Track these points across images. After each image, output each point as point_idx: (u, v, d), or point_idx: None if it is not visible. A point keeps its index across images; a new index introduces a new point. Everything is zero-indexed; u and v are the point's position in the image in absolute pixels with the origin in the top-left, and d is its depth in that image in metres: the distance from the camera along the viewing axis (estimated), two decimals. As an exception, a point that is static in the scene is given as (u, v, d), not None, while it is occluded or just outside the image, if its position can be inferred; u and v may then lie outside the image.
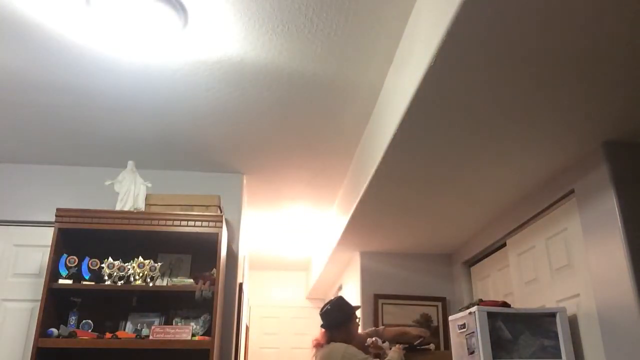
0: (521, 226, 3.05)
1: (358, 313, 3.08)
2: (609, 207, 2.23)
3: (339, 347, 2.68)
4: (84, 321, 3.01)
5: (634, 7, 1.54)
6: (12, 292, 3.24)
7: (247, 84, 2.64)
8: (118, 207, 3.11)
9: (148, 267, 2.99)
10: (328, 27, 2.22)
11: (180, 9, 2.11)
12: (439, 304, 4.01)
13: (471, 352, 2.44)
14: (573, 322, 2.46)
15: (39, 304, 2.81)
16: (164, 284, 3.11)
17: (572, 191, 2.53)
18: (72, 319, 3.00)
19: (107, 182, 3.18)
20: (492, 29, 1.63)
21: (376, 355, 2.87)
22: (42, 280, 2.89)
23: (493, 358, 2.34)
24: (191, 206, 3.22)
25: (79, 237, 3.07)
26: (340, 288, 5.17)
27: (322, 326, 2.88)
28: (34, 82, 2.63)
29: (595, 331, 2.31)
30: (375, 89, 2.69)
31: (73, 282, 2.92)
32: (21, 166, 3.55)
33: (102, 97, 2.77)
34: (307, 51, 2.38)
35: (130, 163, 3.25)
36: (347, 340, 2.74)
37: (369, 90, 2.70)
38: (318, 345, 2.82)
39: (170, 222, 3.03)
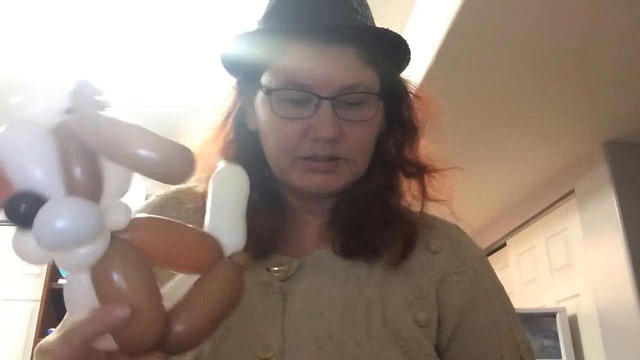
0: (521, 226, 3.04)
1: None
2: (609, 207, 2.22)
3: None
4: (84, 321, 3.01)
5: (634, 7, 1.54)
6: (12, 292, 3.24)
7: (247, 84, 2.63)
8: (118, 207, 3.11)
9: (148, 267, 2.99)
10: (328, 27, 2.21)
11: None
12: (439, 303, 4.01)
13: (471, 352, 2.43)
14: (573, 322, 2.46)
15: (39, 304, 2.81)
16: (164, 284, 3.10)
17: (572, 191, 2.52)
18: (72, 319, 3.00)
19: (107, 182, 3.18)
20: (492, 30, 1.63)
21: None
22: (42, 281, 2.88)
23: (493, 358, 2.33)
24: (191, 206, 3.22)
25: (79, 237, 3.07)
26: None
27: None
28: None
29: (595, 331, 2.30)
30: (375, 89, 2.68)
31: (73, 282, 2.92)
32: (21, 166, 3.55)
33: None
34: (307, 51, 2.37)
35: (131, 163, 3.25)
36: None
37: (369, 90, 2.69)
38: None
39: (170, 222, 3.03)
